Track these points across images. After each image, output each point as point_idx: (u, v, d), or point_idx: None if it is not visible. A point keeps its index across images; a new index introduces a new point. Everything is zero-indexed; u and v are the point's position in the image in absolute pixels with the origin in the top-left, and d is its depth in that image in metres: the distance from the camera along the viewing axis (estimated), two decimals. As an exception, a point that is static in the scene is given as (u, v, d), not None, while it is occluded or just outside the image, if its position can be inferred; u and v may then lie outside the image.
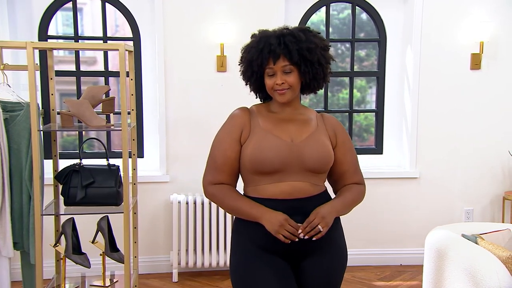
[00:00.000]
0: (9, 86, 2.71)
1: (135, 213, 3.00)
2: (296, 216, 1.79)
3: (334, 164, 1.92)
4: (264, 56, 1.80)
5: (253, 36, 1.89)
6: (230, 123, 1.90)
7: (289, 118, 1.90)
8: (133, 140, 2.96)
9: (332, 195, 1.97)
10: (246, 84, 1.95)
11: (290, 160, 1.81)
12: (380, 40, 4.03)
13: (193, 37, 3.73)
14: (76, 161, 2.75)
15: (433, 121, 3.98)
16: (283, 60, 1.80)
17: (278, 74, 1.82)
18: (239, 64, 1.94)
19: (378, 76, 4.08)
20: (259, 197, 1.84)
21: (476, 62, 3.92)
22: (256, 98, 2.01)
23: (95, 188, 2.69)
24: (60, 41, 3.75)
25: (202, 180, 1.92)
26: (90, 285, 2.88)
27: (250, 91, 1.98)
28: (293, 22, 3.85)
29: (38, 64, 2.81)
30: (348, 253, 1.98)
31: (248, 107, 1.95)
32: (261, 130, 1.86)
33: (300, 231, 1.75)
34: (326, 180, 1.99)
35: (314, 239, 1.76)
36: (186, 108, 3.78)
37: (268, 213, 1.78)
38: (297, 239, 1.76)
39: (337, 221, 1.93)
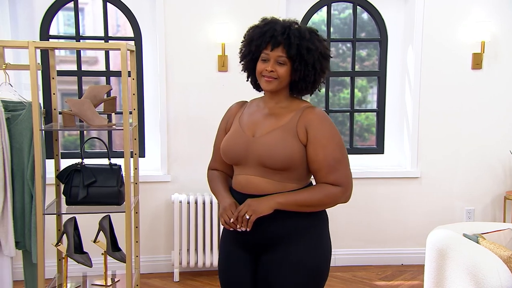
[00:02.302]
0: (11, 85, 2.71)
1: (136, 213, 3.00)
2: None
3: (308, 162, 1.84)
4: (264, 39, 1.82)
5: (263, 19, 1.89)
6: (224, 115, 2.04)
7: (267, 112, 1.90)
8: (135, 139, 2.96)
9: None
10: (240, 62, 1.95)
11: (245, 154, 1.85)
12: (381, 40, 4.03)
13: (194, 36, 3.73)
14: (78, 160, 2.75)
15: (434, 120, 3.98)
16: (281, 51, 1.81)
17: (271, 61, 1.82)
18: (241, 42, 1.93)
19: (379, 75, 4.08)
20: (230, 185, 1.96)
21: (477, 61, 3.92)
22: (247, 81, 1.98)
23: (96, 187, 2.69)
24: (62, 40, 3.75)
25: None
26: (92, 285, 2.88)
27: (242, 70, 1.97)
28: (294, 22, 3.84)
29: (40, 64, 2.81)
30: (333, 253, 1.94)
31: (248, 101, 2.01)
32: (236, 123, 1.94)
33: (231, 219, 1.78)
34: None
35: (248, 230, 1.77)
36: (188, 108, 3.78)
37: (224, 199, 1.87)
38: (239, 229, 1.78)
39: (309, 218, 1.85)
